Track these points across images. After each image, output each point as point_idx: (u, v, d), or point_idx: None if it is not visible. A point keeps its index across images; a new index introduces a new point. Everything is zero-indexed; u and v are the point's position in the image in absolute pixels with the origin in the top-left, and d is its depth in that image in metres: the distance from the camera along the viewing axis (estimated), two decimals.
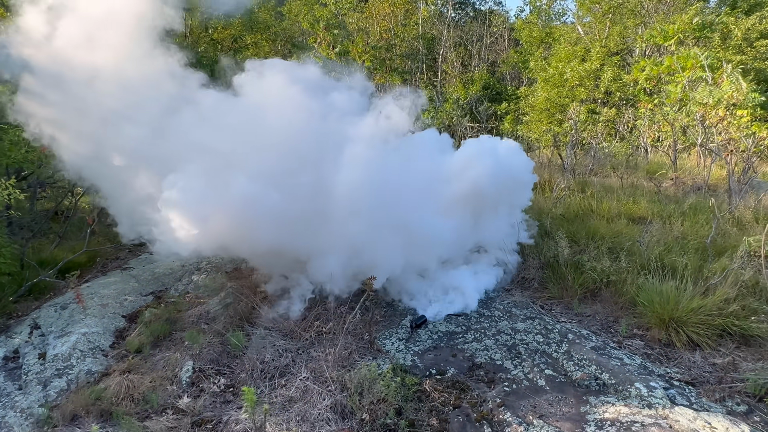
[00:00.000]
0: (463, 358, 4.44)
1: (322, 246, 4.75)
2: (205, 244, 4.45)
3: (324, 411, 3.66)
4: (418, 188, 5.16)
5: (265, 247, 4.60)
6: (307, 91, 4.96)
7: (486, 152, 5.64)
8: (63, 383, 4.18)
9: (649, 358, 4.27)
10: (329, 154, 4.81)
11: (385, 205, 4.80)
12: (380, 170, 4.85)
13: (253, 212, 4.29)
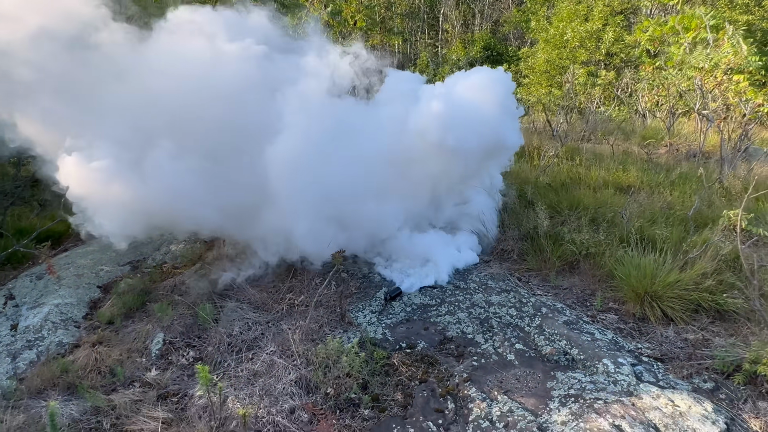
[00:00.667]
0: (435, 331, 4.41)
1: (256, 233, 4.63)
2: (129, 226, 4.30)
3: (288, 385, 3.65)
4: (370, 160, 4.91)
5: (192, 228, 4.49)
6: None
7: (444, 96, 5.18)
8: (33, 355, 4.19)
9: (622, 332, 4.23)
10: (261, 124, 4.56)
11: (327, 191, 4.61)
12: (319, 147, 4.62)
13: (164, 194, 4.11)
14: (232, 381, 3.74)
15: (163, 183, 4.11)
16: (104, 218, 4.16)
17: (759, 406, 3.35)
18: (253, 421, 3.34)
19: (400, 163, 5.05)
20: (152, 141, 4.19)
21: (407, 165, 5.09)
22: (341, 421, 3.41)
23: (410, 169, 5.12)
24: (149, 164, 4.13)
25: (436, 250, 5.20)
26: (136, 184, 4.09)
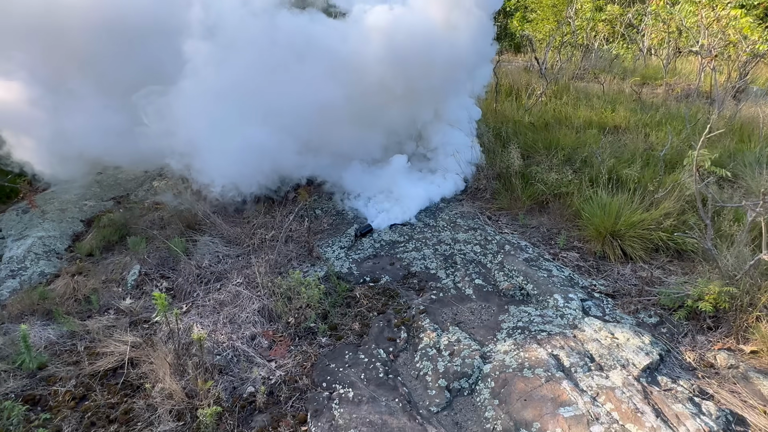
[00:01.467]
0: (400, 266, 4.55)
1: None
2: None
3: (252, 314, 3.85)
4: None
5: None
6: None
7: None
8: (16, 284, 4.41)
9: (580, 270, 4.34)
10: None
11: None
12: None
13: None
14: (199, 310, 3.94)
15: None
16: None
17: (697, 340, 3.49)
18: (214, 345, 3.55)
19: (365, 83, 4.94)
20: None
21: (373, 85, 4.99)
22: (298, 347, 3.61)
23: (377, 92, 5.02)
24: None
25: (408, 187, 5.27)
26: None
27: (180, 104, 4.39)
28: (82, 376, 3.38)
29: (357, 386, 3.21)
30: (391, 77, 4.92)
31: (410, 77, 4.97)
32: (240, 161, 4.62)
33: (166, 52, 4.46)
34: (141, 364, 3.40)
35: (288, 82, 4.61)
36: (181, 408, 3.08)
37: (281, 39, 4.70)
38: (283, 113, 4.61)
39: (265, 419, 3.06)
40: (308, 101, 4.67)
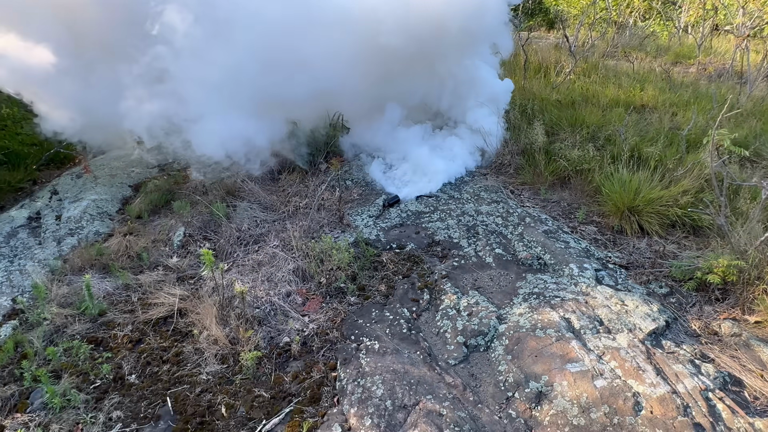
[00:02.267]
0: (425, 235, 4.83)
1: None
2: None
3: (287, 274, 4.19)
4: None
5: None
6: None
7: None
8: (74, 241, 4.85)
9: (597, 243, 4.54)
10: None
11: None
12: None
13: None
14: (240, 269, 4.31)
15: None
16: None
17: (704, 310, 3.68)
18: (254, 300, 3.92)
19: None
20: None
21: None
22: (329, 304, 3.94)
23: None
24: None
25: (435, 161, 5.50)
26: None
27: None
28: (137, 322, 3.78)
29: (382, 340, 3.53)
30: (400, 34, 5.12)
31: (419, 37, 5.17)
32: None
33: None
34: (188, 314, 3.79)
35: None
36: (225, 352, 3.46)
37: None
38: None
39: (299, 365, 3.41)
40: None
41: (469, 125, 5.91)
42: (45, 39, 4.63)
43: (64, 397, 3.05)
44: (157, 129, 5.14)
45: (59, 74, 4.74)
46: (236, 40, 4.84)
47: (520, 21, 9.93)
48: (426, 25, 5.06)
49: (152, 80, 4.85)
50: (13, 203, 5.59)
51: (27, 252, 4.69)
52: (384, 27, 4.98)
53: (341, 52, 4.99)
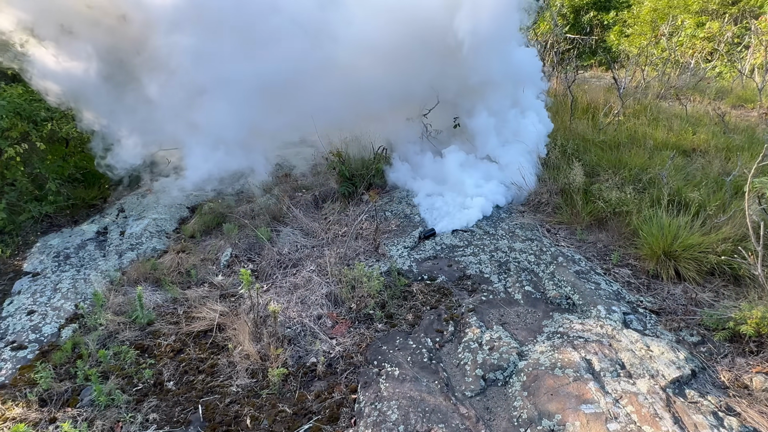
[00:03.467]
0: (457, 268, 4.94)
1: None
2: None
3: (320, 297, 4.42)
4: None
5: None
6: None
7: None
8: (133, 255, 5.31)
9: (629, 286, 4.49)
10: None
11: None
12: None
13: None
14: (277, 290, 4.58)
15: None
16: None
17: (736, 362, 3.58)
18: (286, 320, 4.16)
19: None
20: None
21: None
22: (357, 329, 4.12)
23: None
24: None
25: (472, 195, 5.63)
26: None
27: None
28: (180, 333, 4.10)
29: (403, 367, 3.66)
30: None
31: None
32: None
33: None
34: (226, 329, 4.07)
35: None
36: (255, 367, 3.70)
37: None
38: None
39: (322, 385, 3.59)
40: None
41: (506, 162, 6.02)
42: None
43: (109, 397, 3.37)
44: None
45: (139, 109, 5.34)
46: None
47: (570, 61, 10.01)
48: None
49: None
50: (85, 218, 6.19)
51: (92, 263, 5.18)
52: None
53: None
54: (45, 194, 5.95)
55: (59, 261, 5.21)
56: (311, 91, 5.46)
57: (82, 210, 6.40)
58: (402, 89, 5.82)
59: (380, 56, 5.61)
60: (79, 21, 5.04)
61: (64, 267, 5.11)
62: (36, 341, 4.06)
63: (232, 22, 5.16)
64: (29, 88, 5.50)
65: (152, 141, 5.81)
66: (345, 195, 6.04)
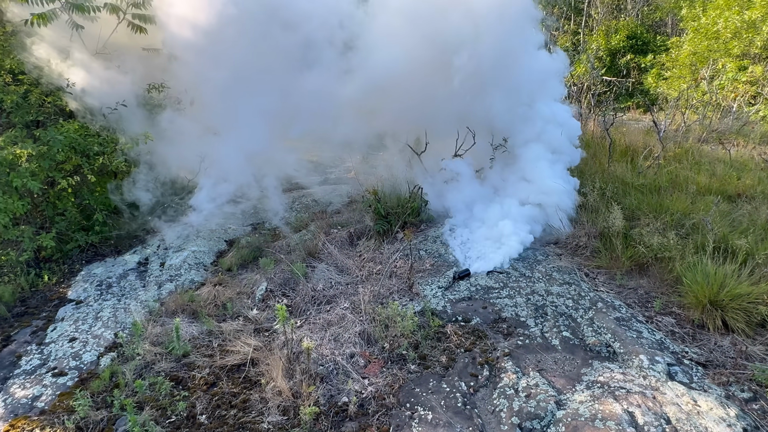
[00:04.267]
0: (492, 311, 4.86)
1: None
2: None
3: (353, 335, 4.40)
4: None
5: None
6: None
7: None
8: (172, 286, 5.43)
9: (673, 335, 4.32)
10: None
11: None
12: None
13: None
14: (310, 326, 4.59)
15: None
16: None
17: None
18: (319, 357, 4.14)
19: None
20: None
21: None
22: (390, 369, 4.07)
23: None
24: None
25: (508, 237, 5.59)
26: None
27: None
28: (214, 367, 4.13)
29: (436, 411, 3.58)
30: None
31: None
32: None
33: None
34: (259, 364, 4.08)
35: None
36: (287, 404, 3.68)
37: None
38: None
39: (353, 426, 3.54)
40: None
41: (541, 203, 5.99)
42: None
43: (144, 428, 3.40)
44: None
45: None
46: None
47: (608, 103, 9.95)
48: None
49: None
50: (128, 248, 6.39)
51: (133, 293, 5.32)
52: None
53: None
54: (92, 224, 6.19)
55: (102, 290, 5.37)
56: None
57: (126, 240, 6.61)
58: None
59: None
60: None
61: (105, 296, 5.26)
62: (76, 368, 4.15)
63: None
64: (84, 123, 5.82)
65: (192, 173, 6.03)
66: (380, 233, 6.07)
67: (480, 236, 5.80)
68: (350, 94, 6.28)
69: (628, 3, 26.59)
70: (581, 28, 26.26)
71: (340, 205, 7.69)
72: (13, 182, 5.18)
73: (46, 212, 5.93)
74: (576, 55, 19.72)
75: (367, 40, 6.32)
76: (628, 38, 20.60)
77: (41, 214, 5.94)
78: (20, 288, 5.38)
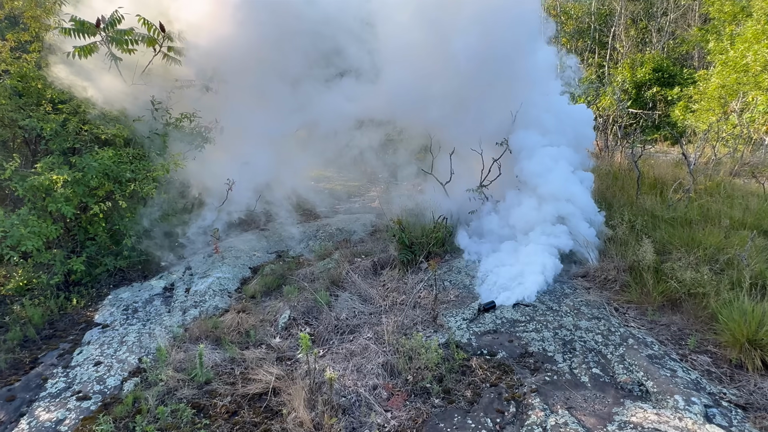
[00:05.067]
0: (518, 345, 4.74)
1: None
2: None
3: (376, 367, 4.33)
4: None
5: None
6: None
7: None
8: (196, 312, 5.46)
9: (709, 375, 4.14)
10: None
11: None
12: None
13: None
14: (333, 356, 4.54)
15: None
16: None
17: None
18: (342, 388, 4.08)
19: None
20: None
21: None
22: (413, 403, 3.98)
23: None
24: None
25: (534, 269, 5.49)
26: None
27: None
28: (236, 395, 4.10)
29: None
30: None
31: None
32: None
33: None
34: (281, 394, 4.03)
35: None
36: None
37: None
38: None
39: None
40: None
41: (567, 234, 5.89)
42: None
43: None
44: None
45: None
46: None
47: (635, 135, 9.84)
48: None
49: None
50: (155, 273, 6.47)
51: (158, 318, 5.36)
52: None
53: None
54: (121, 249, 6.31)
55: (128, 314, 5.43)
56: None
57: (153, 266, 6.70)
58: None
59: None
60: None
61: (131, 320, 5.30)
62: (100, 393, 4.17)
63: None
64: (119, 150, 5.99)
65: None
66: (404, 262, 6.04)
67: (506, 267, 5.71)
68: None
69: (653, 36, 26.65)
70: (606, 61, 26.31)
71: (363, 234, 7.69)
72: (49, 207, 5.33)
73: (77, 236, 6.06)
74: (601, 87, 19.69)
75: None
76: (654, 71, 20.51)
77: (73, 239, 6.08)
78: (50, 311, 5.47)
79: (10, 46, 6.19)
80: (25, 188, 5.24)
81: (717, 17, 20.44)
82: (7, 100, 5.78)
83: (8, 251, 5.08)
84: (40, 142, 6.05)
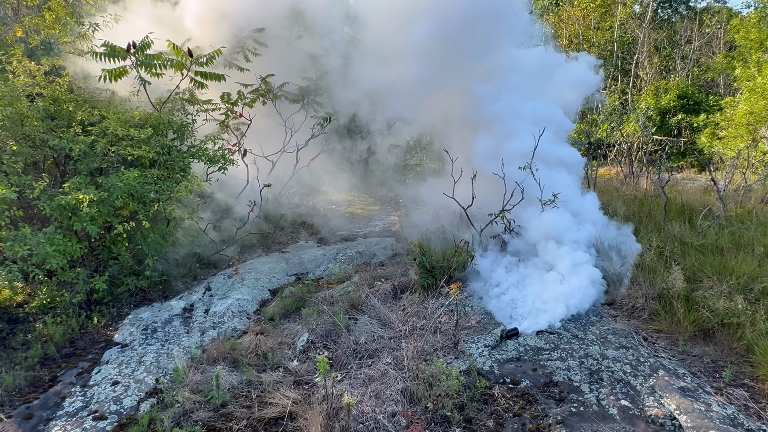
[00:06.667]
0: (542, 373, 4.58)
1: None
2: None
3: (395, 393, 4.22)
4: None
5: None
6: None
7: None
8: (215, 334, 5.42)
9: (747, 410, 3.92)
10: None
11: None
12: None
13: None
14: (351, 381, 4.44)
15: None
16: None
17: None
18: (359, 414, 3.97)
19: None
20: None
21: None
22: (433, 431, 3.85)
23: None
24: None
25: (557, 297, 5.34)
26: None
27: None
28: (252, 419, 4.02)
29: None
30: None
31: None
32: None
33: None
34: (298, 418, 3.94)
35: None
36: None
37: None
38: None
39: None
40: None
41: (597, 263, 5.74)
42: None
43: None
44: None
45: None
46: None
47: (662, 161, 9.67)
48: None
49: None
50: (175, 294, 6.48)
51: (176, 338, 5.34)
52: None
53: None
54: (143, 269, 6.35)
55: (147, 334, 5.42)
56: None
57: (173, 286, 6.72)
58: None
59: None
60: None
61: (150, 340, 5.29)
62: (116, 413, 4.13)
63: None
64: (144, 171, 6.08)
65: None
66: (424, 287, 5.94)
67: (529, 294, 5.57)
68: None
69: (677, 64, 26.48)
70: (629, 88, 26.16)
71: (384, 258, 7.63)
72: (74, 226, 5.40)
73: (101, 256, 6.12)
74: (625, 114, 19.53)
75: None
76: (679, 98, 20.32)
77: (96, 258, 6.14)
78: (71, 329, 5.50)
79: (45, 70, 6.39)
80: (52, 207, 5.33)
81: (743, 44, 20.23)
82: (39, 122, 5.94)
83: (33, 269, 5.14)
84: (68, 162, 6.18)
